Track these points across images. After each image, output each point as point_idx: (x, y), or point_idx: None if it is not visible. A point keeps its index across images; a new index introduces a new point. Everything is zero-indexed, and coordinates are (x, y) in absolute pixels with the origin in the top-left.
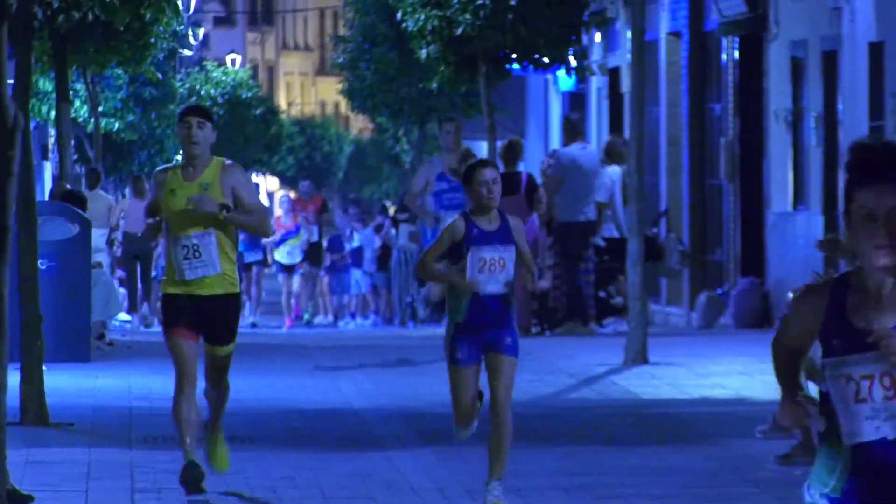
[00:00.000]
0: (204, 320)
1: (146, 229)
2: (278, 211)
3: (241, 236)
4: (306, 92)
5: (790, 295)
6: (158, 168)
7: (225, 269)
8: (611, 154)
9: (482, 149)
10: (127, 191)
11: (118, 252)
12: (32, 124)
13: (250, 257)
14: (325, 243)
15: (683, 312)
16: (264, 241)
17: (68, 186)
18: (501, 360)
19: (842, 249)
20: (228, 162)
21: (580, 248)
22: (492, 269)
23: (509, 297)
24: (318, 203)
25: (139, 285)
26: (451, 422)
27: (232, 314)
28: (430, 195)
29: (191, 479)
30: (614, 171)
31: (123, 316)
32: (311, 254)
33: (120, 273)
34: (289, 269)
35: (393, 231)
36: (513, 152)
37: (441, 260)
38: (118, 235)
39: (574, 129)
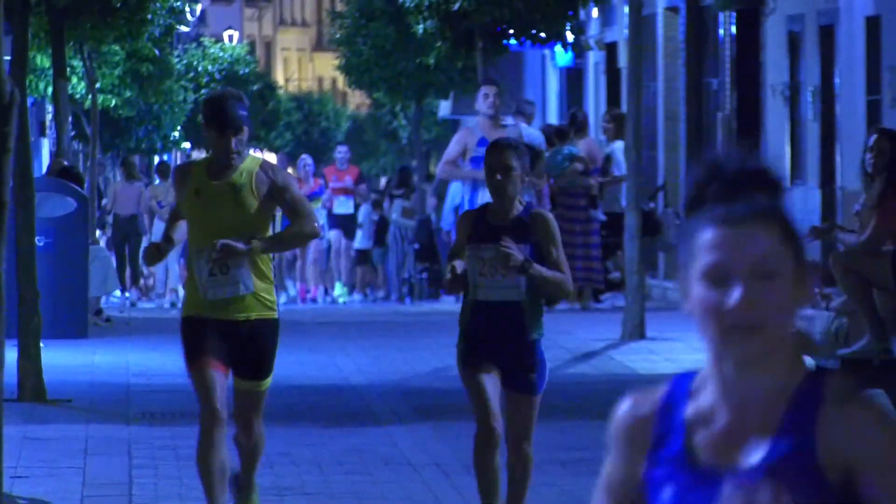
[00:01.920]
0: (232, 350)
1: (146, 252)
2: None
3: None
4: (304, 68)
5: None
6: (180, 164)
7: (259, 287)
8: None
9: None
10: (118, 172)
11: (105, 235)
12: (29, 101)
13: None
14: (359, 217)
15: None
16: None
17: (65, 163)
18: (518, 399)
19: (825, 232)
20: (265, 160)
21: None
22: (494, 273)
23: (525, 308)
24: (355, 173)
25: (127, 268)
26: (449, 397)
27: (267, 343)
28: (468, 161)
29: None
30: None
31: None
32: (345, 226)
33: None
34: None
35: (386, 205)
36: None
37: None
38: (109, 218)
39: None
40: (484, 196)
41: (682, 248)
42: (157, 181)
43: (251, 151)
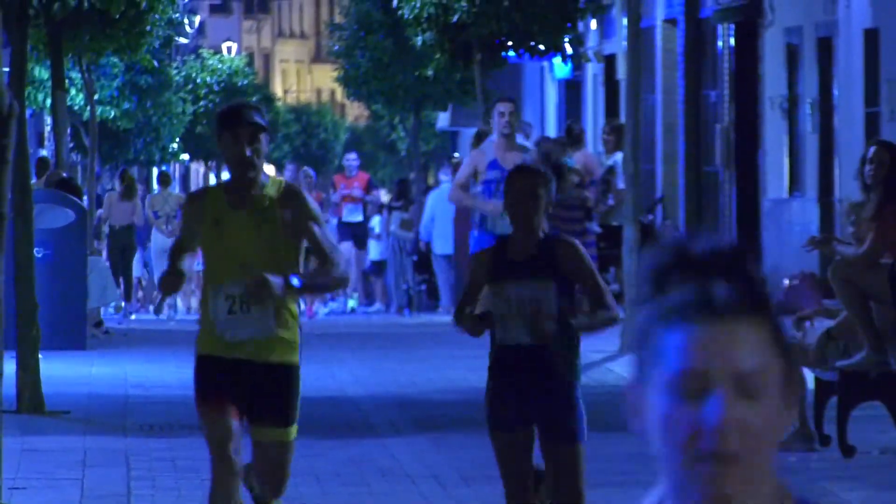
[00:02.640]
0: (249, 394)
1: (162, 283)
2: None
3: None
4: (302, 79)
5: (785, 281)
6: (192, 191)
7: (282, 327)
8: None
9: None
10: (116, 183)
11: (104, 245)
12: (28, 112)
13: None
14: (375, 227)
15: None
16: None
17: (64, 174)
18: (560, 452)
19: (825, 243)
20: (290, 184)
21: None
22: (519, 312)
23: (555, 351)
24: (364, 180)
25: (122, 279)
26: (447, 409)
27: (288, 389)
28: (479, 186)
29: None
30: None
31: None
32: (355, 235)
33: None
34: None
35: (381, 218)
36: (481, 142)
37: (478, 300)
38: (105, 228)
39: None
40: (494, 226)
41: (636, 352)
42: (156, 190)
43: (289, 184)
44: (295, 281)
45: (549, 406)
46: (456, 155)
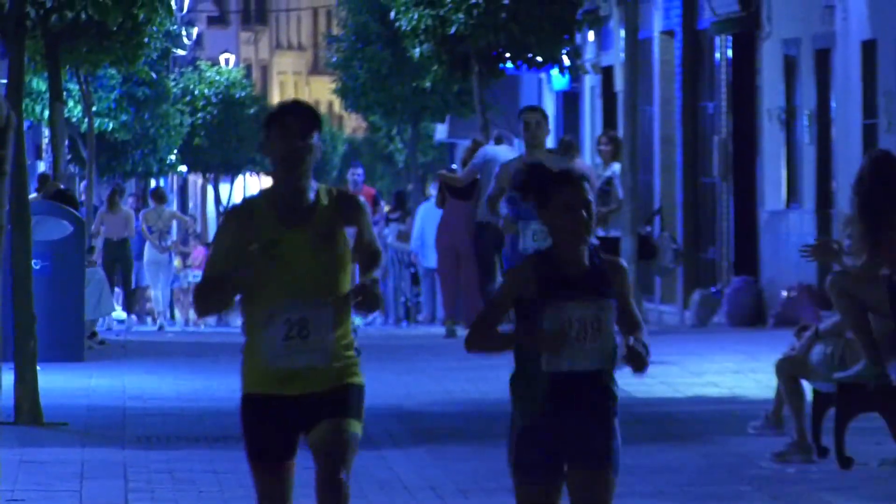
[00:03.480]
0: (306, 423)
1: (202, 304)
2: None
3: None
4: (300, 91)
5: (783, 293)
6: (233, 207)
7: (340, 348)
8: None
9: None
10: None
11: (98, 258)
12: (26, 124)
13: None
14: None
15: (677, 311)
16: None
17: (61, 185)
18: (591, 477)
19: (830, 253)
20: (338, 189)
21: (493, 250)
22: (582, 336)
23: (608, 378)
24: (370, 195)
25: (120, 292)
26: (445, 421)
27: (347, 402)
28: (504, 201)
29: None
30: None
31: (120, 314)
32: None
33: None
34: None
35: (386, 230)
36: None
37: (503, 319)
38: (98, 242)
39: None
40: (526, 245)
41: None
42: (150, 206)
43: (337, 189)
44: (372, 284)
45: (593, 436)
46: (453, 167)
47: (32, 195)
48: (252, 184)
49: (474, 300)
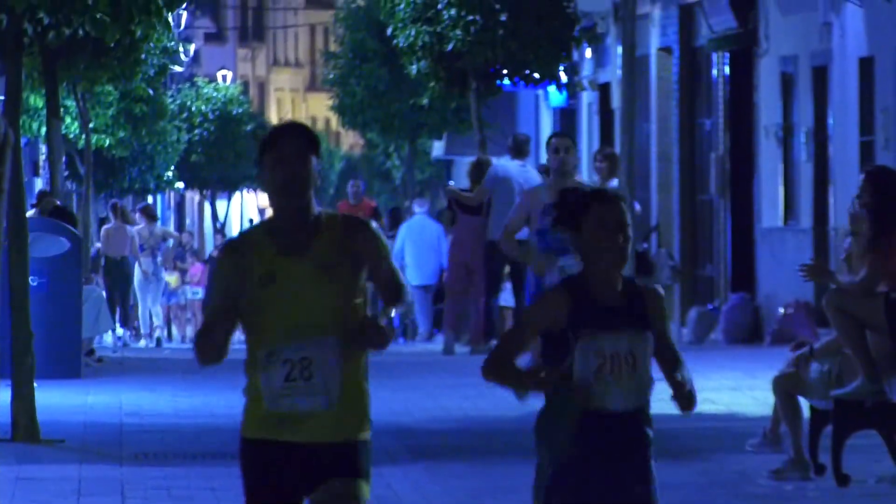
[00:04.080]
0: (309, 479)
1: (202, 352)
2: None
3: None
4: (297, 108)
5: (780, 310)
6: (229, 240)
7: (348, 397)
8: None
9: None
10: (109, 215)
11: (100, 275)
12: (23, 141)
13: None
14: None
15: (674, 327)
16: None
17: (57, 202)
18: None
19: (825, 274)
20: (346, 214)
21: (503, 268)
22: (617, 371)
23: (644, 419)
24: (369, 208)
25: (118, 309)
26: (442, 437)
27: (356, 468)
28: (532, 234)
29: None
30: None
31: (118, 331)
32: None
33: None
34: None
35: None
36: (480, 171)
37: (526, 349)
38: (101, 260)
39: (519, 148)
40: (553, 281)
41: None
42: (141, 223)
43: (345, 214)
44: (386, 320)
45: (629, 488)
46: (451, 183)
47: (30, 212)
48: (249, 200)
49: (481, 317)
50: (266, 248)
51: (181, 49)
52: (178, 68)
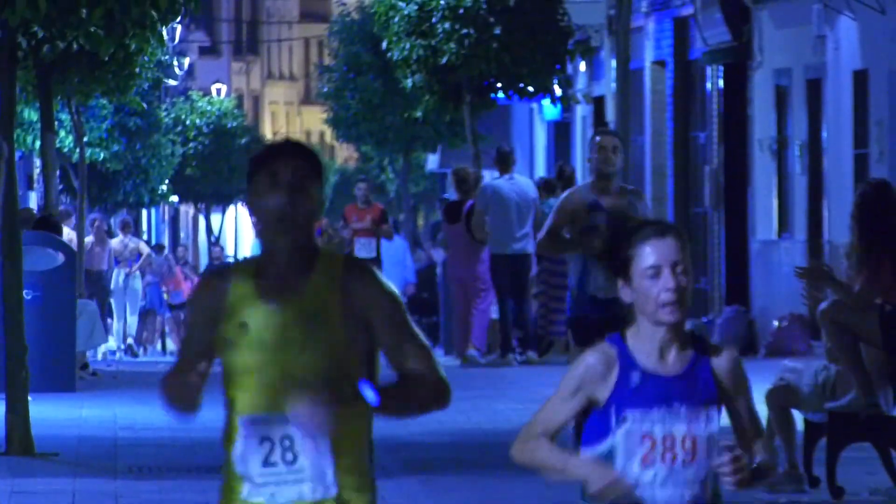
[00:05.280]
0: None
1: (169, 396)
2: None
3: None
4: (291, 121)
5: (775, 323)
6: (208, 270)
7: (346, 487)
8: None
9: None
10: (93, 227)
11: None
12: (17, 154)
13: None
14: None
15: None
16: None
17: (35, 212)
18: None
19: (822, 276)
20: (350, 256)
21: (509, 281)
22: (670, 458)
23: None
24: (377, 212)
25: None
26: (437, 451)
27: None
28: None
29: None
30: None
31: (112, 344)
32: None
33: None
34: None
35: None
36: (460, 180)
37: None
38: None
39: (504, 161)
40: (598, 287)
41: None
42: (119, 236)
43: (350, 257)
44: (370, 394)
45: None
46: (445, 196)
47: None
48: (244, 214)
49: (477, 327)
50: (245, 288)
51: (175, 63)
52: (172, 82)
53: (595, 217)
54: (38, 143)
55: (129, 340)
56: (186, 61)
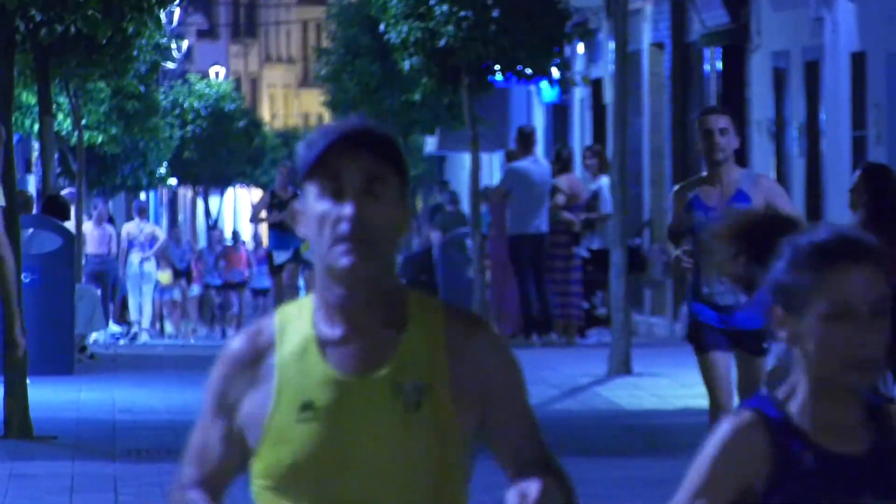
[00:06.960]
0: None
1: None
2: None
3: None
4: (289, 104)
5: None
6: (246, 332)
7: None
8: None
9: (464, 161)
10: (94, 212)
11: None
12: (16, 138)
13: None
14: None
15: (667, 323)
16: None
17: (28, 193)
18: None
19: None
20: (453, 308)
21: (530, 260)
22: None
23: None
24: None
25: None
26: None
27: None
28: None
29: None
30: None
31: (114, 328)
32: None
33: None
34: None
35: None
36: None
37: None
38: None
39: (526, 141)
40: (713, 293)
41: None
42: (135, 219)
43: (454, 310)
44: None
45: None
46: (445, 181)
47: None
48: (242, 196)
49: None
50: (310, 355)
51: (173, 45)
52: (170, 65)
53: (692, 220)
54: (36, 127)
55: (135, 328)
56: (185, 44)
